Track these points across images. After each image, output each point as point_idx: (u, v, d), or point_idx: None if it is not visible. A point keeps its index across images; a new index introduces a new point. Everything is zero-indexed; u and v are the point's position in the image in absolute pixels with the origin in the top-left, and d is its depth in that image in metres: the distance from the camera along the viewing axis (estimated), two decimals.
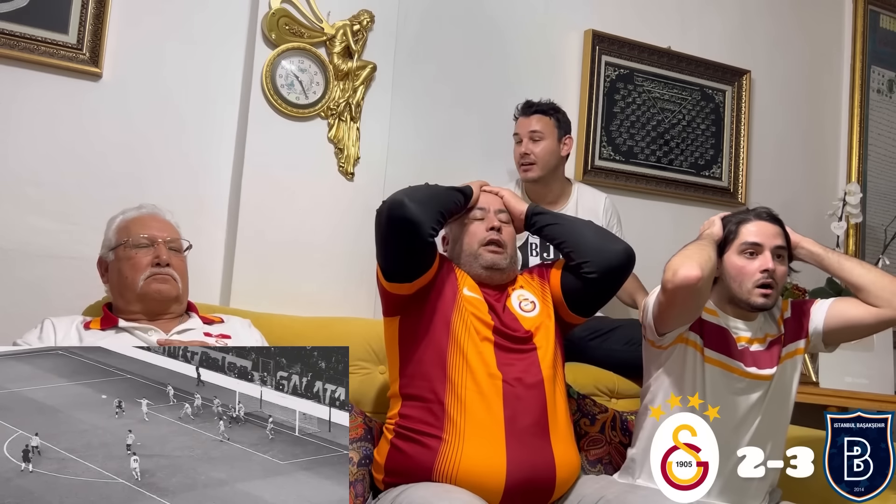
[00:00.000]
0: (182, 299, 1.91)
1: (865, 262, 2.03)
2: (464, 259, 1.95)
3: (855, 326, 1.94)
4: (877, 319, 1.89)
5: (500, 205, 1.99)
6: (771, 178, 3.43)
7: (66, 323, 1.82)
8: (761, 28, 3.44)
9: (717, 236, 1.92)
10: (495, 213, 1.97)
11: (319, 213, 2.51)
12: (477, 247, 1.93)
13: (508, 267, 1.95)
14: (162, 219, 1.96)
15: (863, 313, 1.90)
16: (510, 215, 2.00)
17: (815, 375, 2.98)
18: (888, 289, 1.88)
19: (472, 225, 1.96)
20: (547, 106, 2.63)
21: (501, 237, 1.94)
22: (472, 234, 1.95)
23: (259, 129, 2.44)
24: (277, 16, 2.45)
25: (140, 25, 2.37)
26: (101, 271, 1.95)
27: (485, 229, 1.94)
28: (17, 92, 2.23)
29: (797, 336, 1.98)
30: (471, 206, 1.96)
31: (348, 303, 2.49)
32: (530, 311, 1.91)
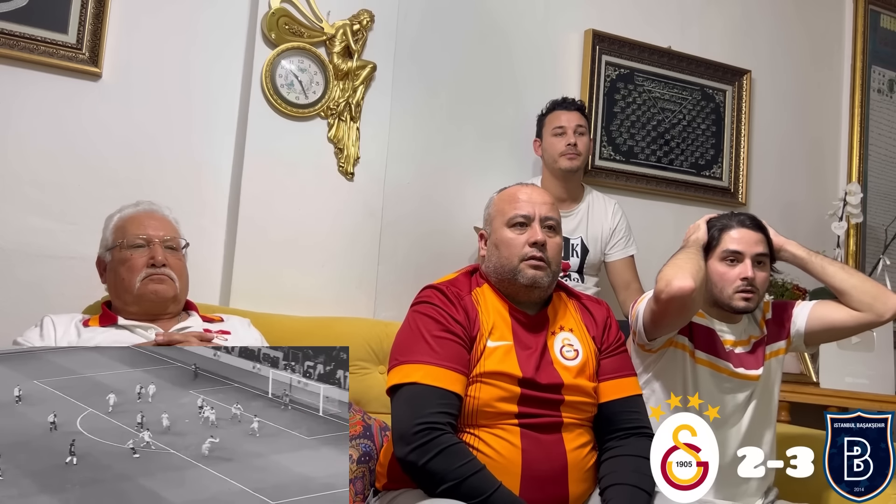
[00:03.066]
0: (180, 298, 1.90)
1: (848, 266, 2.07)
2: (499, 271, 1.76)
3: (836, 329, 2.00)
4: (857, 323, 1.95)
5: (548, 210, 1.78)
6: (771, 178, 3.43)
7: (66, 320, 1.81)
8: (762, 28, 3.44)
9: (702, 241, 1.95)
10: (541, 222, 1.76)
11: (319, 213, 2.51)
12: (517, 262, 1.73)
13: (550, 285, 1.77)
14: (159, 216, 1.94)
15: (844, 317, 1.96)
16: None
17: (815, 375, 2.98)
18: (869, 293, 1.93)
19: (510, 234, 1.76)
20: (583, 106, 2.78)
21: (546, 253, 1.74)
22: (510, 247, 1.74)
23: (259, 128, 2.44)
24: (277, 15, 2.45)
25: (139, 25, 2.37)
26: (99, 270, 1.95)
27: (527, 244, 1.73)
28: (16, 92, 2.23)
29: (779, 337, 2.02)
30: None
31: (348, 303, 2.49)
32: (573, 358, 1.74)
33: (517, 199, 1.78)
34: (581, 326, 1.81)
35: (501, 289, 1.76)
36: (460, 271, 1.85)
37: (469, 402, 1.64)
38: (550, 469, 1.65)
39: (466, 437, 1.64)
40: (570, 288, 1.91)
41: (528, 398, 1.66)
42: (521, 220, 1.75)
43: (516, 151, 2.89)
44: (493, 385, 1.65)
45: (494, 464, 1.61)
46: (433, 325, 1.67)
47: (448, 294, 1.72)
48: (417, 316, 1.71)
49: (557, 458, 1.66)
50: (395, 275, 2.63)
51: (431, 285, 1.77)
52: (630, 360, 1.85)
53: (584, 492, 1.70)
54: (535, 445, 1.65)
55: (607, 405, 1.75)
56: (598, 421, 1.76)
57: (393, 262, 2.64)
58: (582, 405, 1.72)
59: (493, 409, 1.64)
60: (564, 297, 1.86)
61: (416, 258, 2.66)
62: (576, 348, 1.75)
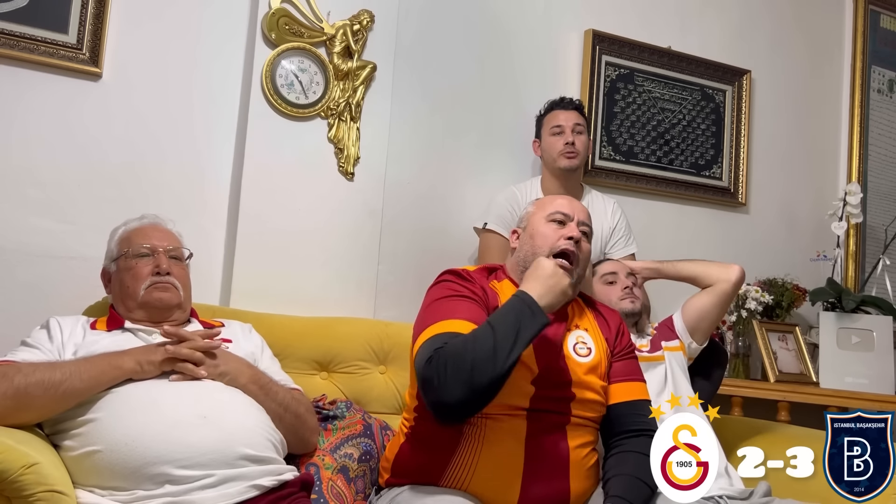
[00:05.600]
0: (185, 306, 1.93)
1: (696, 259, 2.34)
2: (528, 261, 1.76)
3: (706, 310, 2.23)
4: (719, 296, 2.21)
5: (585, 217, 1.83)
6: (771, 178, 3.43)
7: (72, 322, 1.82)
8: (761, 28, 3.45)
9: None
10: (578, 225, 1.80)
11: (319, 213, 2.51)
12: (548, 252, 1.75)
13: (575, 286, 1.77)
14: (163, 228, 1.98)
15: (706, 296, 2.23)
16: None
17: (815, 375, 2.99)
18: (714, 267, 2.24)
19: (547, 227, 1.80)
20: (581, 105, 2.78)
21: (578, 253, 1.76)
22: (545, 238, 1.78)
23: (259, 128, 2.44)
24: (277, 16, 2.45)
25: (140, 25, 2.37)
26: (104, 282, 1.97)
27: (562, 237, 1.76)
28: (16, 92, 2.22)
29: (669, 338, 2.25)
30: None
31: (348, 303, 2.49)
32: (585, 355, 1.77)
33: (557, 201, 1.87)
34: (595, 328, 1.85)
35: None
36: (478, 267, 1.89)
37: None
38: (552, 464, 1.66)
39: (472, 426, 1.65)
40: (588, 296, 1.96)
41: (540, 396, 1.68)
42: (560, 217, 1.81)
43: (516, 151, 2.89)
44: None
45: (496, 456, 1.63)
46: (450, 291, 1.72)
47: (464, 274, 1.77)
48: (435, 290, 1.76)
49: (560, 453, 1.68)
50: (395, 275, 2.63)
51: (448, 269, 1.81)
52: (639, 367, 1.88)
53: (587, 490, 1.72)
54: (538, 440, 1.66)
55: (616, 407, 1.78)
56: (605, 422, 1.78)
57: (393, 261, 2.64)
58: (591, 403, 1.74)
59: (502, 402, 1.63)
60: (581, 303, 1.90)
61: (416, 258, 2.66)
62: (589, 346, 1.79)
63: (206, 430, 1.60)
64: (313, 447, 1.89)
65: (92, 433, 1.58)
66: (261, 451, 1.66)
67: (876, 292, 3.38)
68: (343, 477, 1.86)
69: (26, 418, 1.60)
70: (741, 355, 3.05)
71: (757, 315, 3.03)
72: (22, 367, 1.61)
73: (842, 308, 3.03)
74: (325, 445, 1.91)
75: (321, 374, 2.21)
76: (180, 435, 1.58)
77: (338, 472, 1.86)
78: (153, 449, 1.55)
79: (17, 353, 1.69)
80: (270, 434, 1.72)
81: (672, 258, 2.40)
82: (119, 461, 1.55)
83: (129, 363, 1.66)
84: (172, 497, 1.53)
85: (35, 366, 1.62)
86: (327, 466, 1.86)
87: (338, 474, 1.86)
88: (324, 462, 1.87)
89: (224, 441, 1.61)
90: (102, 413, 1.60)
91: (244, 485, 1.59)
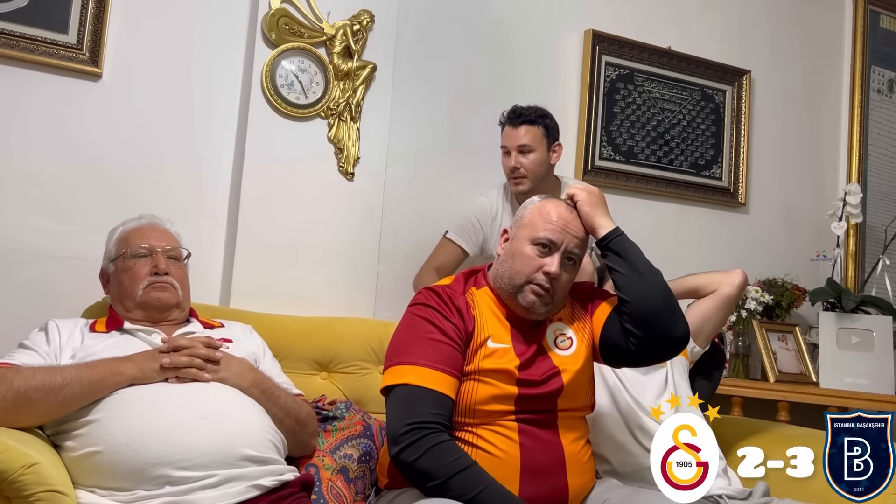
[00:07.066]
0: (183, 306, 1.92)
1: (695, 273, 2.30)
2: (504, 280, 1.75)
3: (710, 314, 2.21)
4: (723, 299, 2.20)
5: (575, 245, 1.74)
6: (771, 178, 3.43)
7: (70, 325, 1.82)
8: (761, 28, 3.45)
9: None
10: (564, 255, 1.72)
11: (319, 214, 2.51)
12: (524, 281, 1.71)
13: (548, 314, 1.76)
14: (161, 228, 1.98)
15: (710, 300, 2.21)
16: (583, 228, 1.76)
17: (815, 375, 2.99)
18: (717, 275, 2.24)
19: (531, 250, 1.72)
20: (534, 114, 2.46)
21: (554, 287, 1.71)
22: (524, 264, 1.72)
23: (259, 129, 2.44)
24: (277, 16, 2.45)
25: (140, 25, 2.37)
26: (102, 282, 1.97)
27: (540, 269, 1.70)
28: (16, 92, 2.22)
29: None
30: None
31: (348, 303, 2.49)
32: (567, 348, 1.76)
33: (552, 220, 1.73)
34: (571, 315, 1.83)
35: (502, 296, 1.77)
36: (458, 275, 1.87)
37: (466, 398, 1.66)
38: (548, 463, 1.68)
39: (465, 435, 1.66)
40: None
41: (525, 396, 1.69)
42: (546, 242, 1.71)
43: None
44: (489, 384, 1.67)
45: (494, 460, 1.63)
46: (427, 326, 1.69)
47: (442, 295, 1.74)
48: (412, 318, 1.73)
49: (555, 451, 1.69)
50: (395, 275, 2.63)
51: (427, 287, 1.79)
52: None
53: (584, 485, 1.74)
54: (532, 440, 1.67)
55: (606, 329, 1.77)
56: (606, 329, 1.78)
57: (393, 262, 2.64)
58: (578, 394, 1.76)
59: (490, 406, 1.66)
60: None
61: (416, 258, 2.65)
62: (569, 336, 1.79)
63: (206, 431, 1.60)
64: (312, 451, 1.89)
65: (93, 434, 1.58)
66: (262, 451, 1.66)
67: (876, 292, 3.38)
68: (343, 477, 1.86)
69: (25, 422, 1.59)
70: (741, 355, 3.05)
71: (757, 315, 3.03)
72: (22, 371, 1.60)
73: (842, 308, 3.03)
74: (325, 446, 1.91)
75: (321, 374, 2.21)
76: (181, 436, 1.57)
77: (337, 473, 1.86)
78: (154, 450, 1.55)
79: (15, 356, 1.69)
80: (271, 434, 1.72)
81: (672, 258, 2.39)
82: (120, 462, 1.55)
83: (132, 370, 1.66)
84: (173, 497, 1.53)
85: (35, 370, 1.61)
86: (327, 467, 1.86)
87: (337, 475, 1.86)
88: (323, 463, 1.87)
89: (225, 441, 1.61)
90: (103, 414, 1.60)
91: (245, 485, 1.60)
